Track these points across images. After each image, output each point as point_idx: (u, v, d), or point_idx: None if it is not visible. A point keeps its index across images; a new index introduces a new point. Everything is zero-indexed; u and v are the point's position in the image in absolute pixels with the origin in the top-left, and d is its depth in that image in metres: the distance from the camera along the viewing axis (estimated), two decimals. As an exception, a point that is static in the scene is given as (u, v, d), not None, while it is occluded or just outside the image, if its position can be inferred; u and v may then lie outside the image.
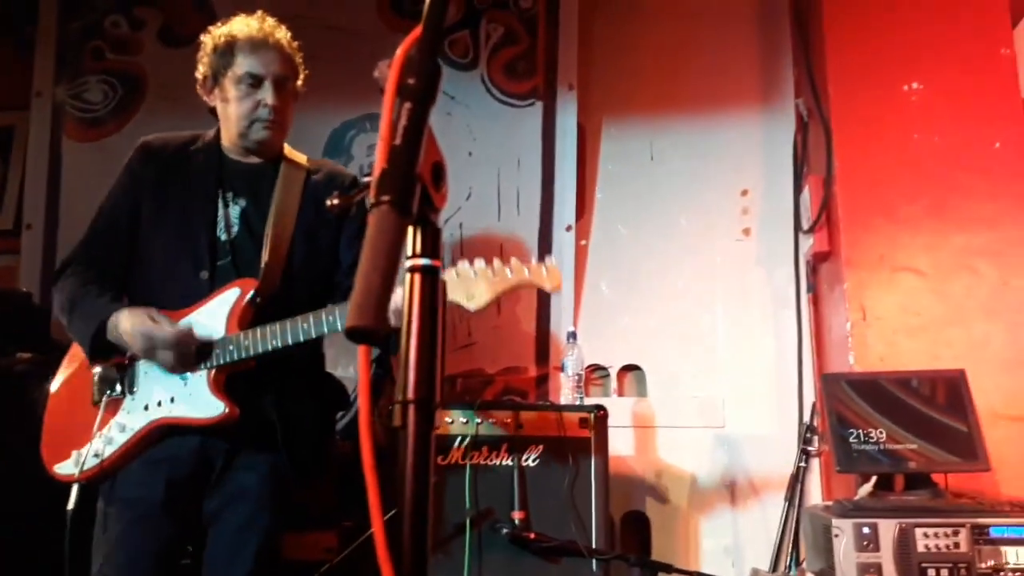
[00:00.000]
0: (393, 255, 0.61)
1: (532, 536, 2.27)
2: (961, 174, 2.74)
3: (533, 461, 2.43)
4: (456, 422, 2.44)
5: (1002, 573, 1.94)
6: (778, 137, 3.27)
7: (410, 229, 0.71)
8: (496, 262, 1.78)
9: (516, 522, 2.32)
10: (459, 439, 2.42)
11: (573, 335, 2.81)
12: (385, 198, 0.64)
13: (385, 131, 0.69)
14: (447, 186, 0.74)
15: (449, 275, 1.78)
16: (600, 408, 2.46)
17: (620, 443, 3.06)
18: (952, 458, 2.23)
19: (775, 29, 3.36)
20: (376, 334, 0.58)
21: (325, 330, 1.81)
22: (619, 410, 3.10)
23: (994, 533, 1.95)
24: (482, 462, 2.41)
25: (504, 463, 2.42)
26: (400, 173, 0.66)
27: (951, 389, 2.34)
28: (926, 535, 1.98)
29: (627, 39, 3.47)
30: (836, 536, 2.03)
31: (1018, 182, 2.70)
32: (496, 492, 2.38)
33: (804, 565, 2.51)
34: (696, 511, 3.01)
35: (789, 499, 2.79)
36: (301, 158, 2.15)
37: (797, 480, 2.79)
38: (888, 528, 2.00)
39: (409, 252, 0.71)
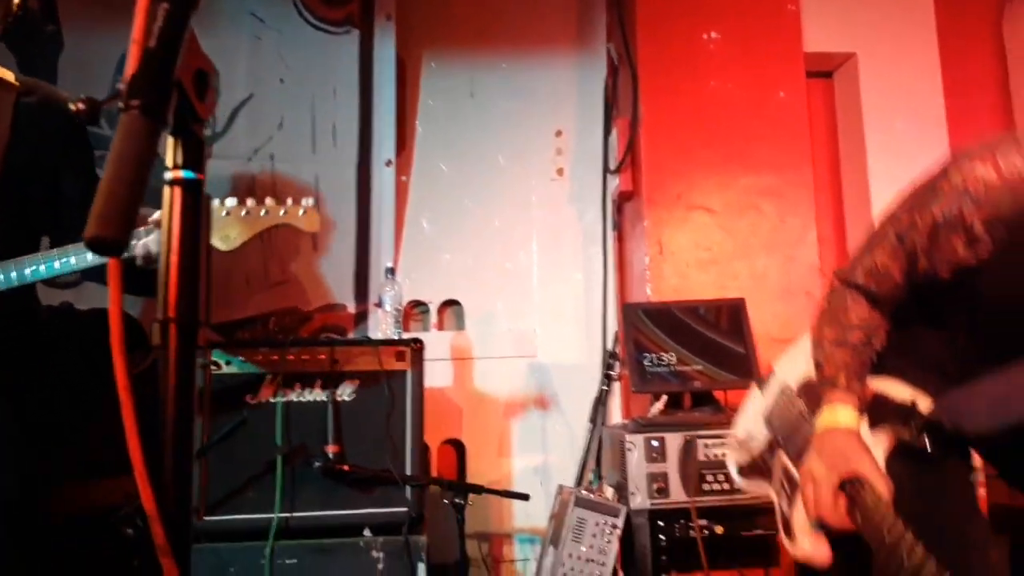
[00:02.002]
0: (141, 163, 0.58)
1: (346, 468, 2.29)
2: (750, 121, 2.98)
3: (349, 396, 2.43)
4: (267, 360, 2.38)
5: (765, 474, 2.21)
6: (591, 80, 3.38)
7: (171, 140, 0.67)
8: (250, 201, 1.76)
9: (330, 455, 2.32)
10: (269, 376, 2.36)
11: (391, 271, 2.80)
12: (135, 102, 0.61)
13: (138, 33, 0.65)
14: (215, 95, 0.71)
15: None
16: (416, 341, 2.49)
17: (439, 375, 3.14)
18: (731, 377, 2.49)
19: (591, -29, 3.44)
20: (119, 244, 0.55)
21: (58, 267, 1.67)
22: (438, 343, 3.17)
23: (760, 440, 2.22)
24: (295, 399, 2.37)
25: (318, 399, 2.40)
26: (152, 76, 0.62)
27: (733, 316, 2.60)
28: (706, 445, 2.21)
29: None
30: (629, 450, 2.21)
31: (797, 129, 2.99)
32: (310, 428, 2.36)
33: (604, 478, 2.72)
34: (508, 435, 3.16)
35: (593, 420, 2.99)
36: (9, 75, 1.92)
37: (600, 402, 3.00)
38: (674, 440, 2.21)
39: (169, 164, 0.67)
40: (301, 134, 3.23)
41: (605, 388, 3.03)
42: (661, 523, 2.17)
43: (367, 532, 2.26)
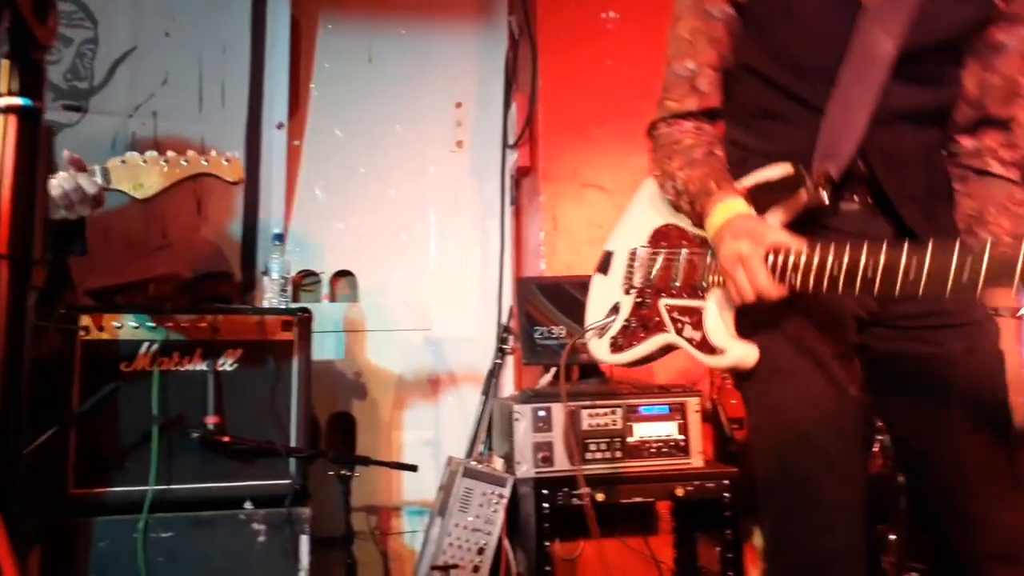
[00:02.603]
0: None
1: (226, 439, 2.21)
2: (644, 101, 2.99)
3: (231, 365, 2.34)
4: (143, 327, 2.26)
5: (646, 442, 2.29)
6: (492, 52, 3.37)
7: (5, 64, 0.62)
8: (170, 152, 1.69)
9: (209, 427, 2.24)
10: (146, 345, 2.25)
11: (279, 237, 2.72)
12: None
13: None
14: (56, 20, 0.66)
15: (113, 164, 1.65)
16: (304, 311, 2.43)
17: (330, 347, 3.08)
18: (617, 350, 2.55)
19: (496, -58, 3.41)
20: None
21: None
22: (330, 315, 3.11)
23: (643, 411, 2.29)
24: (172, 368, 2.27)
25: (198, 368, 2.31)
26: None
27: (621, 291, 2.66)
28: (590, 415, 2.26)
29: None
30: (516, 420, 2.24)
31: (688, 112, 3.07)
32: (189, 398, 2.27)
33: (494, 450, 2.75)
34: (401, 409, 3.14)
35: (486, 392, 3.01)
36: None
37: (493, 375, 3.02)
38: (560, 410, 2.25)
39: (3, 89, 0.62)
40: (187, 92, 3.07)
41: (499, 361, 3.05)
42: (546, 492, 2.21)
43: (248, 505, 2.20)
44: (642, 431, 2.27)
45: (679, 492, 2.25)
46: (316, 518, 2.24)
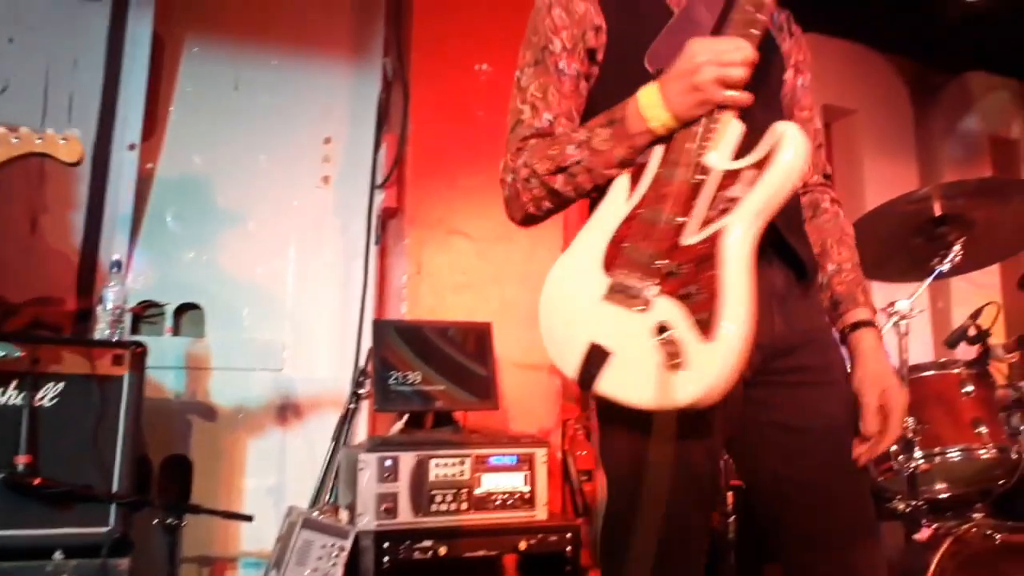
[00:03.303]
0: None
1: (37, 482, 2.01)
2: (513, 153, 3.10)
3: (50, 400, 2.15)
4: (-52, 353, 2.04)
5: (493, 494, 2.27)
6: (365, 90, 3.34)
7: None
8: (1, 128, 1.53)
9: (19, 467, 2.03)
10: (-50, 373, 2.03)
11: (118, 264, 2.53)
12: None
13: None
14: None
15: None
16: (137, 344, 2.27)
17: (170, 385, 2.89)
18: (472, 398, 2.54)
19: (375, -18, 3.41)
20: None
21: None
22: (172, 350, 2.92)
23: (492, 462, 2.28)
24: (-19, 400, 2.05)
25: (11, 402, 2.10)
26: None
27: (479, 339, 2.66)
28: (438, 465, 2.22)
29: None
30: (361, 469, 2.17)
31: (554, 168, 3.15)
32: (1, 435, 2.06)
33: (340, 500, 2.64)
34: (244, 453, 2.97)
35: (337, 438, 2.91)
36: None
37: (346, 420, 2.92)
38: (408, 460, 2.20)
39: None
40: (30, 102, 2.85)
41: (352, 406, 2.96)
42: (387, 545, 2.14)
43: (58, 555, 2.00)
44: (490, 483, 2.25)
45: (522, 546, 2.24)
46: (138, 570, 2.07)
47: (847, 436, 1.30)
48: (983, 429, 2.15)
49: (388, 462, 2.16)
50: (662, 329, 1.11)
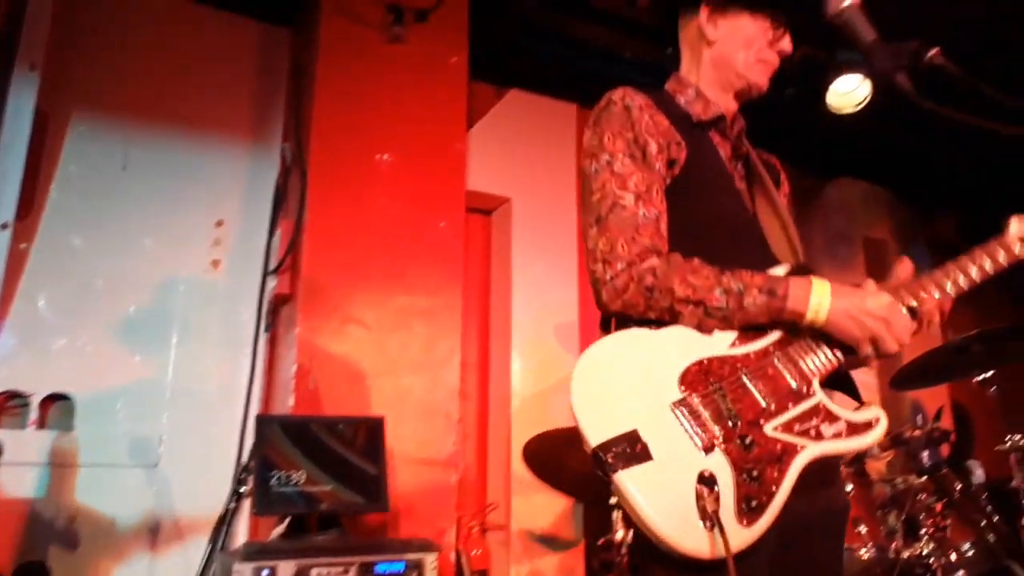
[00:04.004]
0: None
1: None
2: (411, 243, 3.09)
3: None
4: None
5: (378, 605, 2.15)
6: (262, 174, 3.28)
7: None
8: None
9: None
10: None
11: (-24, 353, 2.35)
12: None
13: None
14: None
15: None
16: (-10, 443, 2.08)
17: (29, 483, 2.65)
18: (359, 499, 2.43)
19: (276, 68, 3.40)
20: None
21: None
22: (34, 444, 2.70)
23: (379, 570, 2.16)
24: None
25: None
26: None
27: (370, 434, 2.57)
28: (320, 574, 2.09)
29: (117, 35, 3.15)
30: (235, 581, 2.02)
31: (453, 258, 3.16)
32: None
33: (212, 611, 2.45)
34: (112, 559, 2.73)
35: (213, 542, 2.72)
36: None
37: (224, 522, 2.73)
38: (287, 569, 2.06)
39: None
40: None
41: (233, 506, 2.78)
42: (261, 664, 1.98)
43: None
44: (376, 592, 2.14)
45: (410, 659, 2.12)
46: None
47: None
48: (862, 528, 2.21)
49: (266, 572, 2.02)
50: (708, 480, 1.18)
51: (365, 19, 3.15)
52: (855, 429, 1.29)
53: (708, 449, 1.22)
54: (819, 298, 1.30)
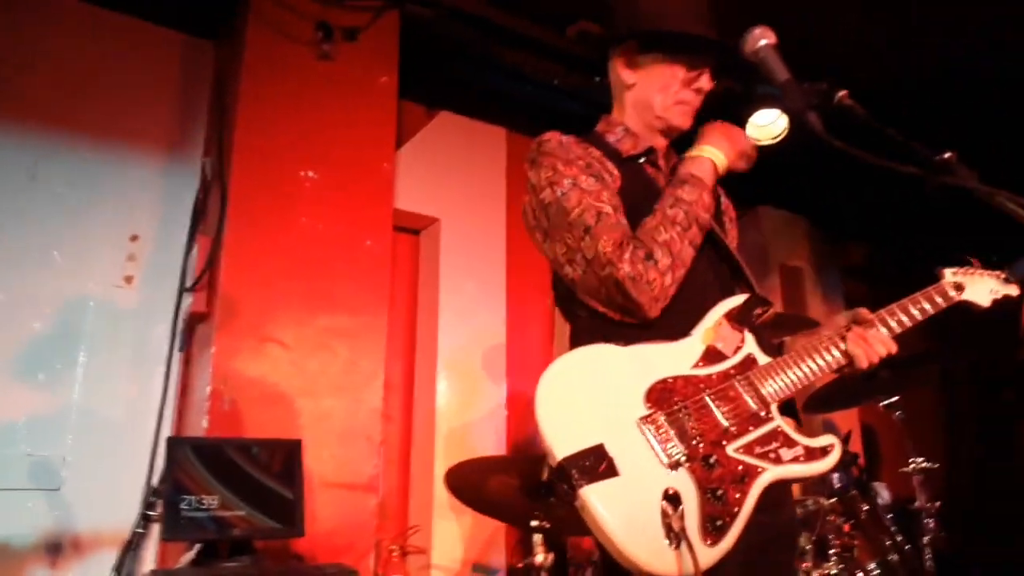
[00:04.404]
0: None
1: None
2: (335, 262, 3.04)
3: None
4: None
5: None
6: (181, 189, 3.18)
7: None
8: None
9: None
10: None
11: None
12: None
13: None
14: None
15: None
16: None
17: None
18: (274, 524, 2.35)
19: (197, 81, 3.32)
20: None
21: None
22: (-79, 468, 2.53)
23: (291, 596, 2.10)
24: None
25: None
26: None
27: (287, 457, 2.49)
28: (229, 603, 2.02)
29: (30, 41, 3.02)
30: (137, 612, 1.92)
31: (377, 277, 3.11)
32: None
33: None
34: (3, 591, 2.58)
35: (119, 569, 2.59)
36: None
37: (131, 548, 2.62)
38: (194, 599, 1.98)
39: None
40: None
41: (140, 531, 2.66)
42: None
43: None
44: (288, 620, 2.07)
45: None
46: None
47: None
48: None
49: (170, 602, 1.93)
50: (673, 498, 1.21)
51: (293, 35, 3.11)
52: (812, 454, 1.34)
53: (673, 467, 1.25)
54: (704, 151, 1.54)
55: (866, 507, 2.76)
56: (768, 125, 3.92)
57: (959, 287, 1.59)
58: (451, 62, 3.67)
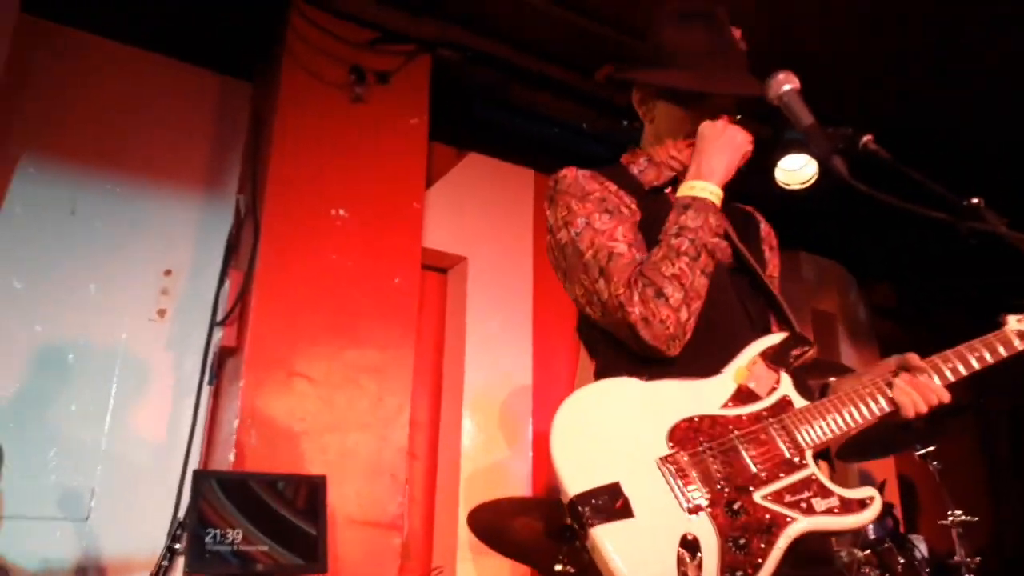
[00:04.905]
0: None
1: None
2: (364, 299, 3.07)
3: None
4: None
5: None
6: (215, 225, 3.26)
7: None
8: None
9: None
10: None
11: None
12: None
13: None
14: None
15: None
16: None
17: (-55, 539, 2.51)
18: (297, 560, 2.34)
19: (234, 120, 3.41)
20: None
21: None
22: (-45, 496, 2.56)
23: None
24: None
25: None
26: None
27: (311, 493, 2.49)
28: (250, 639, 2.00)
29: (72, 78, 3.14)
30: (158, 646, 1.92)
31: (405, 314, 3.14)
32: None
33: None
34: (27, 622, 2.59)
35: (142, 603, 2.59)
36: None
37: (155, 582, 2.61)
38: (215, 634, 1.97)
39: None
40: None
41: (166, 564, 2.66)
42: None
43: None
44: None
45: None
46: None
47: None
48: None
49: (191, 636, 1.92)
50: (691, 545, 1.13)
51: (327, 78, 3.20)
52: (848, 506, 1.24)
53: (694, 512, 1.17)
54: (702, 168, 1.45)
55: (902, 560, 2.67)
56: (797, 171, 3.92)
57: (1022, 335, 1.46)
58: (481, 105, 3.73)
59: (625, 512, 1.14)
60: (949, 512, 2.89)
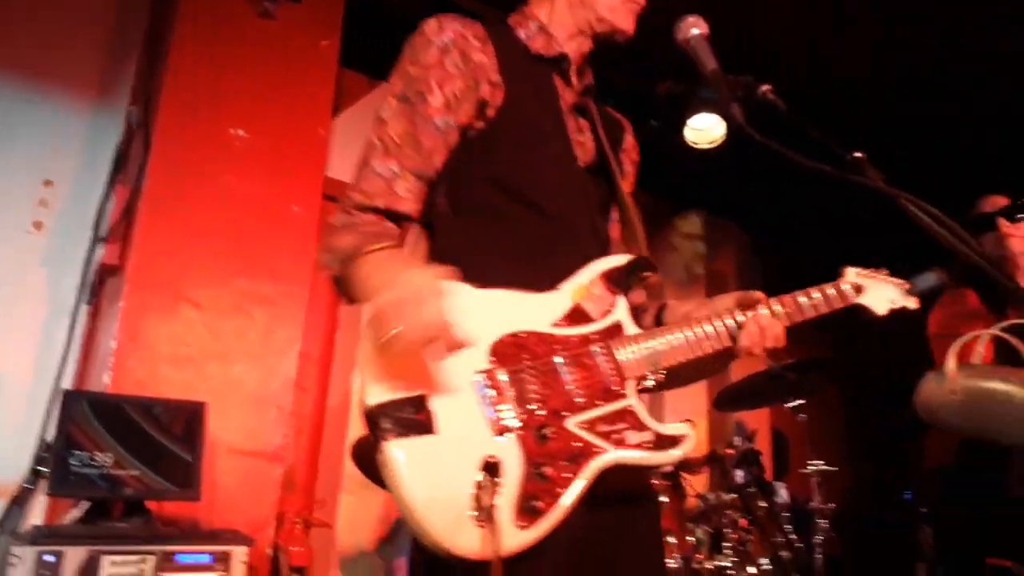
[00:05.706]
0: None
1: None
2: (259, 225, 2.96)
3: None
4: None
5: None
6: (103, 137, 3.05)
7: None
8: None
9: None
10: None
11: None
12: None
13: None
14: None
15: None
16: None
17: None
18: (169, 486, 2.29)
19: (131, 28, 3.18)
20: None
21: None
22: None
23: (180, 560, 2.04)
24: None
25: None
26: None
27: (190, 420, 2.43)
28: (114, 563, 1.95)
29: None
30: (13, 564, 1.84)
31: (304, 244, 3.04)
32: None
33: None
34: None
35: (2, 524, 2.48)
36: None
37: (17, 503, 2.51)
38: (76, 556, 1.91)
39: None
40: None
41: (29, 486, 2.55)
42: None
43: None
44: (180, 584, 2.01)
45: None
46: None
47: None
48: (671, 539, 2.31)
49: (49, 557, 1.85)
50: (491, 468, 1.05)
51: (233, -13, 3.01)
52: (661, 442, 1.18)
53: (500, 432, 1.08)
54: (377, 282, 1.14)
55: (764, 504, 2.84)
56: (706, 129, 3.99)
57: (859, 289, 1.41)
58: (400, 34, 3.60)
59: (426, 428, 1.05)
60: (809, 462, 3.09)
